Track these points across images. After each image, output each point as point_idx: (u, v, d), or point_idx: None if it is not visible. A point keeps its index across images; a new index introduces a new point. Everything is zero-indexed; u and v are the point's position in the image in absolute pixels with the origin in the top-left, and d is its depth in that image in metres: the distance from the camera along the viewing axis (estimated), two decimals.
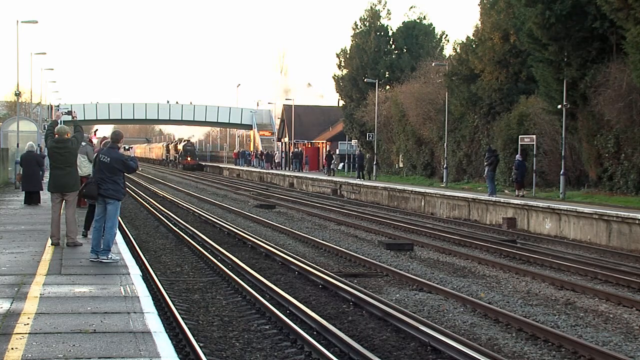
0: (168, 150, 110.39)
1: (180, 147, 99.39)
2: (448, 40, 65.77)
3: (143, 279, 12.26)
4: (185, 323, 12.06)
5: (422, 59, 56.66)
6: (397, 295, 15.42)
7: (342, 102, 69.25)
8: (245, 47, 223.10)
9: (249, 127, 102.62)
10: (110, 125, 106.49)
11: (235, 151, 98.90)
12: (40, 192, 25.31)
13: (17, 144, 39.27)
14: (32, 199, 24.97)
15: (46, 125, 35.23)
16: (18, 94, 47.92)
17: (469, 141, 44.93)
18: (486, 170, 33.33)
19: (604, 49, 32.17)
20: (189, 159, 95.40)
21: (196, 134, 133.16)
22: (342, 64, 65.39)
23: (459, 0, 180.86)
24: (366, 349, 10.90)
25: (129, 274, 12.45)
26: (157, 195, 44.40)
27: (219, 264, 18.29)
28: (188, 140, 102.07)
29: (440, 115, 46.66)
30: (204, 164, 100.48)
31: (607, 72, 31.23)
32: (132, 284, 11.55)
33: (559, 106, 32.33)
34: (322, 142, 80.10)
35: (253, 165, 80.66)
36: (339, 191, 49.18)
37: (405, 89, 53.29)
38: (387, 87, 60.87)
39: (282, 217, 32.12)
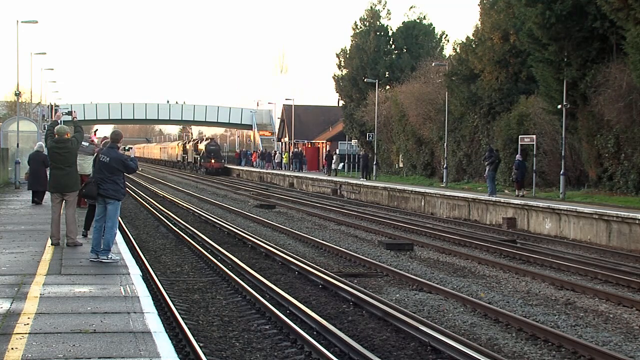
0: (185, 151, 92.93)
1: (202, 146, 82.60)
2: (448, 40, 65.96)
3: (143, 279, 12.26)
4: (185, 323, 12.06)
5: (422, 59, 56.68)
6: (397, 295, 15.42)
7: (342, 102, 69.28)
8: (245, 47, 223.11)
9: (249, 127, 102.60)
10: (110, 125, 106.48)
11: (237, 151, 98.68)
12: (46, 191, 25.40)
13: (17, 144, 39.25)
14: (38, 198, 25.11)
15: (46, 125, 35.27)
16: (18, 94, 47.86)
17: (469, 141, 44.93)
18: (487, 169, 33.33)
19: (604, 49, 32.17)
20: (213, 161, 79.61)
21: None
22: (342, 64, 65.42)
23: (459, 0, 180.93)
24: (366, 349, 10.90)
25: (129, 274, 12.46)
26: (157, 195, 44.40)
27: (219, 264, 18.29)
28: (212, 139, 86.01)
29: (440, 115, 46.66)
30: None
31: (607, 72, 31.23)
32: (132, 284, 11.55)
33: (559, 106, 32.32)
34: (322, 142, 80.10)
35: (254, 166, 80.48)
36: (339, 191, 49.19)
37: (405, 89, 53.31)
38: (387, 87, 60.89)
39: (282, 217, 32.12)
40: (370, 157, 55.71)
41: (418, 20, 63.35)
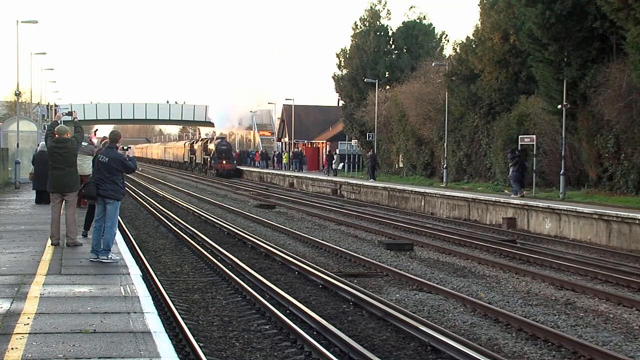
0: (193, 151, 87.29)
1: (212, 146, 76.79)
2: (448, 40, 65.93)
3: (143, 279, 12.27)
4: (185, 323, 12.06)
5: (422, 59, 56.66)
6: (397, 295, 15.41)
7: (342, 102, 69.28)
8: (245, 47, 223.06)
9: (249, 127, 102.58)
10: (110, 125, 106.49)
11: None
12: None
13: (17, 144, 39.24)
14: (42, 198, 25.15)
15: (46, 126, 35.26)
16: (18, 94, 47.88)
17: (469, 141, 44.92)
18: (511, 170, 33.29)
19: (604, 49, 32.15)
20: (224, 162, 73.84)
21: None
22: (342, 64, 65.40)
23: (459, 0, 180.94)
24: (366, 349, 10.90)
25: (129, 274, 12.46)
26: (157, 195, 44.40)
27: (219, 264, 18.29)
28: (222, 139, 78.82)
29: (440, 115, 46.65)
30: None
31: (607, 72, 31.21)
32: (132, 284, 11.55)
33: (559, 106, 32.30)
34: (322, 142, 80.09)
35: (255, 166, 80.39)
36: (339, 191, 49.17)
37: (405, 89, 53.28)
38: (387, 87, 60.87)
39: (282, 217, 32.11)
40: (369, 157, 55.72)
41: (418, 20, 63.34)
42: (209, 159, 76.97)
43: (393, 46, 63.42)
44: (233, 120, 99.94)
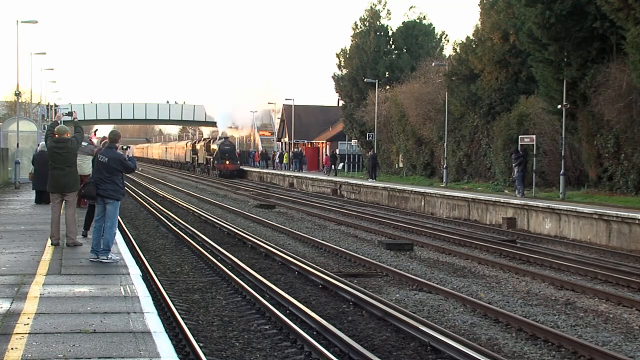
0: (196, 151, 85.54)
1: (215, 146, 75.75)
2: (448, 40, 66.00)
3: (143, 279, 12.26)
4: (185, 323, 12.06)
5: (422, 59, 56.68)
6: (397, 295, 15.41)
7: (342, 102, 69.29)
8: (245, 46, 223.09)
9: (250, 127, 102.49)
10: (110, 125, 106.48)
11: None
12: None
13: (17, 144, 39.23)
14: (42, 198, 25.14)
15: (46, 126, 35.25)
16: (18, 94, 47.86)
17: (469, 141, 44.92)
18: (515, 171, 33.29)
19: (604, 49, 32.16)
20: (227, 162, 72.47)
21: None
22: (342, 64, 65.42)
23: (459, 0, 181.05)
24: (366, 349, 10.90)
25: (129, 274, 12.46)
26: (157, 195, 44.39)
27: (219, 264, 18.29)
28: (226, 138, 77.06)
29: (440, 115, 46.66)
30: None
31: (607, 72, 31.22)
32: (132, 284, 11.55)
33: (559, 106, 32.31)
34: (322, 142, 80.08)
35: (255, 166, 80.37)
36: (338, 191, 49.17)
37: (405, 89, 53.29)
38: (387, 87, 60.88)
39: (282, 217, 32.10)
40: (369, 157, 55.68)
41: (418, 20, 63.37)
42: (211, 159, 75.77)
43: (393, 46, 63.44)
44: (237, 120, 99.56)
